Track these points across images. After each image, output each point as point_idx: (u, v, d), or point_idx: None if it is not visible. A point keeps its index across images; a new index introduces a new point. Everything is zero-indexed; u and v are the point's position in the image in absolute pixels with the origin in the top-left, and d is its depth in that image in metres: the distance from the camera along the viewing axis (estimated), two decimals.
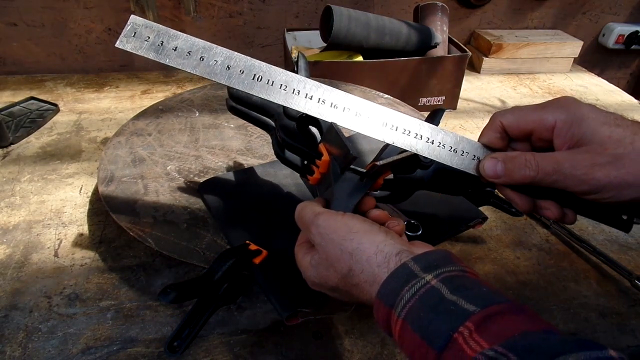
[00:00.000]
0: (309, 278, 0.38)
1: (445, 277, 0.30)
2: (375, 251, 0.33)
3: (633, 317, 0.51)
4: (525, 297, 0.52)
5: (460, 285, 0.29)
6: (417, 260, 0.31)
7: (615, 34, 1.25)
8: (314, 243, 0.37)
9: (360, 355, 0.45)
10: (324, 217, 0.36)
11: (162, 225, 0.51)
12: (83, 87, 0.96)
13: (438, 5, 0.95)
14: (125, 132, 0.67)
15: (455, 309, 0.27)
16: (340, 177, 0.40)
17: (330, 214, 0.36)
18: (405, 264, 0.31)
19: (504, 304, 0.27)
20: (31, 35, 0.97)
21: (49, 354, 0.43)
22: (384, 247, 0.33)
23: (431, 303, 0.28)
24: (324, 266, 0.35)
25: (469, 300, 0.27)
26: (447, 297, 0.28)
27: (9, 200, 0.62)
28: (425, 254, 0.32)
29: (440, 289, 0.29)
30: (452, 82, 0.91)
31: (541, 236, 0.62)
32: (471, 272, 0.31)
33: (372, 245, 0.33)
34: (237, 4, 1.03)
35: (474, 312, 0.26)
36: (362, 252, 0.33)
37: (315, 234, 0.36)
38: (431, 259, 0.31)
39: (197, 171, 0.60)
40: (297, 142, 0.44)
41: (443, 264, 0.31)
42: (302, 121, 0.45)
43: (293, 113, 0.44)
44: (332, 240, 0.35)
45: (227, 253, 0.42)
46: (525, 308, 0.27)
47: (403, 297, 0.29)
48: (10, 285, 0.50)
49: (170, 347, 0.38)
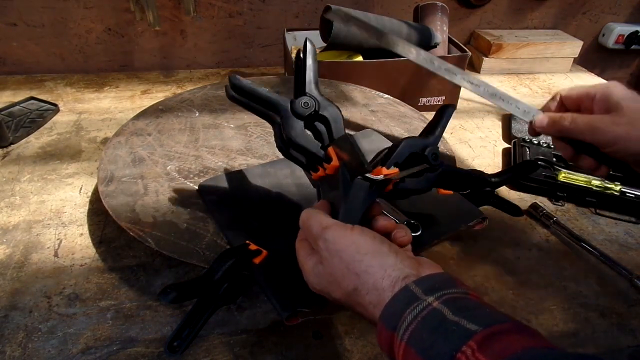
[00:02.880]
0: (311, 284, 0.37)
1: (447, 298, 0.29)
2: (382, 275, 0.32)
3: (633, 317, 0.51)
4: (525, 297, 0.52)
5: (463, 307, 0.29)
6: (419, 283, 0.31)
7: (615, 34, 1.25)
8: (320, 255, 0.36)
9: (360, 355, 0.45)
10: (333, 232, 0.35)
11: (162, 225, 0.51)
12: (83, 87, 0.96)
13: (438, 5, 0.95)
14: (125, 132, 0.67)
15: (458, 329, 0.27)
16: (349, 184, 0.39)
17: (339, 228, 0.35)
18: (407, 287, 0.31)
19: (507, 323, 0.27)
20: (31, 35, 0.97)
21: (49, 354, 0.43)
22: (392, 272, 0.32)
23: (433, 324, 0.28)
24: (327, 280, 0.35)
25: (471, 320, 0.27)
26: (449, 318, 0.28)
27: (9, 200, 0.62)
28: (428, 277, 0.32)
29: (442, 310, 0.28)
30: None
31: (541, 236, 0.62)
32: (473, 295, 0.31)
33: (380, 269, 0.33)
34: (237, 4, 1.03)
35: (477, 331, 0.26)
36: (369, 275, 0.33)
37: (323, 248, 0.35)
38: (433, 281, 0.31)
39: (197, 171, 0.60)
40: (304, 143, 0.43)
41: (445, 286, 0.31)
42: (311, 119, 0.44)
43: (301, 111, 0.43)
44: (339, 258, 0.34)
45: (227, 253, 0.42)
46: (528, 327, 0.27)
47: (405, 320, 0.29)
48: (10, 285, 0.50)
49: (170, 347, 0.38)
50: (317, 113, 0.44)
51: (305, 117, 0.43)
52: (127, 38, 1.01)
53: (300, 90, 0.45)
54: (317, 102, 0.44)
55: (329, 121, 0.44)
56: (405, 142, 0.40)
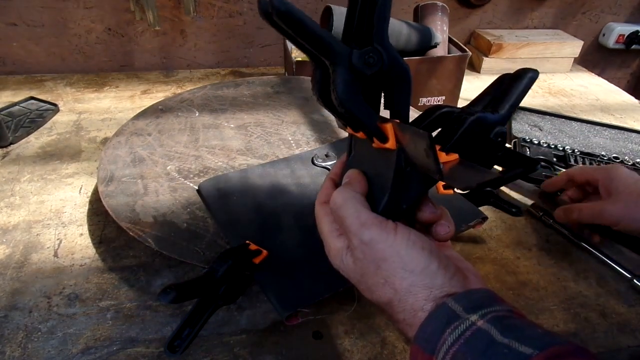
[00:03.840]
0: (333, 262, 0.34)
1: (492, 317, 0.27)
2: (426, 297, 0.29)
3: (633, 317, 0.51)
4: (525, 297, 0.52)
5: (511, 326, 0.26)
6: (459, 300, 0.28)
7: (616, 33, 1.25)
8: (352, 247, 0.32)
9: (360, 355, 0.45)
10: (372, 233, 0.30)
11: (162, 225, 0.51)
12: (83, 87, 0.96)
13: (438, 5, 0.95)
14: (125, 132, 0.67)
15: (510, 353, 0.24)
16: (402, 171, 0.32)
17: (380, 230, 0.30)
18: (445, 304, 0.28)
19: (565, 345, 0.25)
20: (31, 35, 0.97)
21: (49, 354, 0.43)
22: (438, 293, 0.29)
23: (480, 347, 0.25)
24: (356, 278, 0.32)
25: (524, 342, 0.25)
26: (498, 340, 0.25)
27: (9, 200, 0.62)
28: (468, 293, 0.29)
29: (489, 330, 0.26)
30: (452, 82, 0.91)
31: (541, 236, 0.62)
32: (518, 313, 0.28)
33: (425, 290, 0.29)
34: (237, 4, 1.03)
35: (532, 355, 0.24)
36: (411, 294, 0.29)
37: (357, 247, 0.31)
38: (474, 297, 0.28)
39: (197, 171, 0.60)
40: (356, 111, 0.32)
41: (488, 304, 0.28)
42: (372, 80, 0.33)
43: (362, 67, 0.31)
44: (377, 267, 0.30)
45: (227, 253, 0.42)
46: (588, 350, 0.25)
47: (445, 342, 0.26)
48: (9, 285, 0.50)
49: (171, 347, 0.38)
50: (381, 72, 0.32)
51: (366, 76, 0.32)
52: (127, 38, 1.01)
53: (362, 36, 0.32)
54: (385, 58, 0.32)
55: (392, 85, 0.34)
56: (473, 121, 0.31)
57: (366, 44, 0.32)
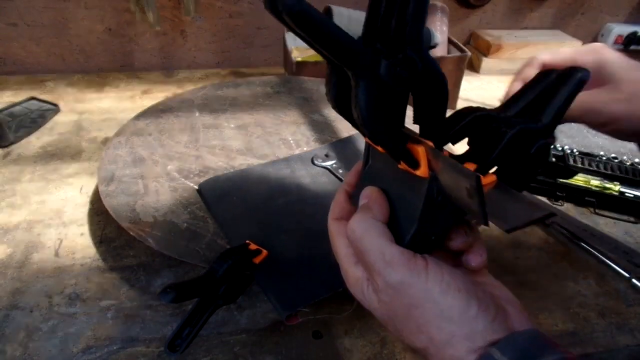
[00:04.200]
0: (357, 297, 0.30)
1: None
2: (468, 348, 0.25)
3: (632, 316, 0.51)
4: (525, 297, 0.52)
5: None
6: (503, 349, 0.24)
7: (614, 34, 1.25)
8: (375, 286, 0.28)
9: (360, 354, 0.45)
10: (402, 275, 0.26)
11: (162, 225, 0.51)
12: (83, 87, 0.96)
13: (438, 6, 0.95)
14: (125, 132, 0.68)
15: None
16: (434, 202, 0.27)
17: (410, 270, 0.26)
18: (488, 355, 0.24)
19: None
20: (31, 35, 0.97)
21: (50, 353, 0.43)
22: (481, 343, 0.25)
23: None
24: (382, 318, 0.29)
25: None
26: None
27: (10, 200, 0.62)
28: (511, 338, 0.25)
29: None
30: (452, 82, 0.91)
31: (541, 236, 0.62)
32: (571, 356, 0.24)
33: (466, 340, 0.25)
34: (237, 4, 1.03)
35: None
36: (450, 345, 0.26)
37: (383, 290, 0.27)
38: (519, 344, 0.24)
39: (197, 171, 0.60)
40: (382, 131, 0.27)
41: (538, 351, 0.24)
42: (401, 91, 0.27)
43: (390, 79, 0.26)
44: (408, 313, 0.27)
45: (227, 253, 0.42)
46: None
47: None
48: (11, 285, 0.50)
49: (171, 346, 0.38)
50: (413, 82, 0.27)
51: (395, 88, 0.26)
52: (128, 38, 1.01)
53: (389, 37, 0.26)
54: (418, 67, 0.26)
55: (424, 96, 0.28)
56: (515, 134, 0.26)
57: (395, 48, 0.26)
